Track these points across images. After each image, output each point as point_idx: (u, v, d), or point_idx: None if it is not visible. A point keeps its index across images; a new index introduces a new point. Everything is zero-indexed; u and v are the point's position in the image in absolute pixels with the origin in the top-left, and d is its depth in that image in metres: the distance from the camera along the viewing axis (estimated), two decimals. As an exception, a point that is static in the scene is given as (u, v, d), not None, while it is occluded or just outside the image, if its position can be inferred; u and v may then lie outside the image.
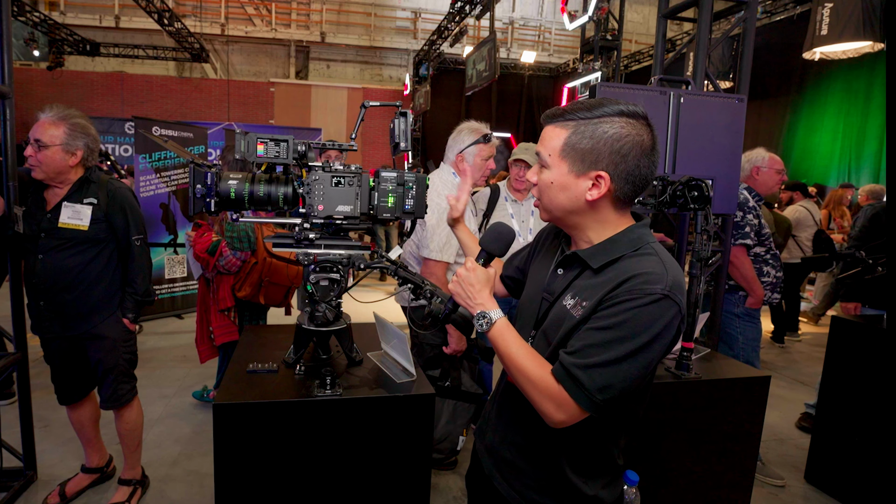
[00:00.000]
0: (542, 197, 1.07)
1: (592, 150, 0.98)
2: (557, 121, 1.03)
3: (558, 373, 0.96)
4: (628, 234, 1.03)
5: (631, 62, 11.94)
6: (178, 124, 5.81)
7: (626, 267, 0.98)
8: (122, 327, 2.21)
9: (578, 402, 0.94)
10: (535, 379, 0.98)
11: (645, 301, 0.92)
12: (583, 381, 0.93)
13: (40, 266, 2.08)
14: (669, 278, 0.94)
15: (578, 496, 1.08)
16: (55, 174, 2.06)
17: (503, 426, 1.19)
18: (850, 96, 8.03)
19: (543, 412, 0.99)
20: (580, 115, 1.00)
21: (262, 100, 13.74)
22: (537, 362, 1.01)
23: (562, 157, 1.01)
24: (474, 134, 2.43)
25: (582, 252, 1.05)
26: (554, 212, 1.07)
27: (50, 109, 2.07)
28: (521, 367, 1.00)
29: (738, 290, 2.82)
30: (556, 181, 1.02)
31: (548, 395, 0.97)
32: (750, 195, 2.80)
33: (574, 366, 0.94)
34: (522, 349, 1.03)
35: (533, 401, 1.00)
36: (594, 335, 0.95)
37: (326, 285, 1.50)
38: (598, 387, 0.93)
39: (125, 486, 2.36)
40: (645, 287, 0.93)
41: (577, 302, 1.01)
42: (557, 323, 1.05)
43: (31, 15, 10.63)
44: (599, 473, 1.10)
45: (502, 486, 1.16)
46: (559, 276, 1.11)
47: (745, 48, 2.76)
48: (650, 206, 1.93)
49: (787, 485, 2.77)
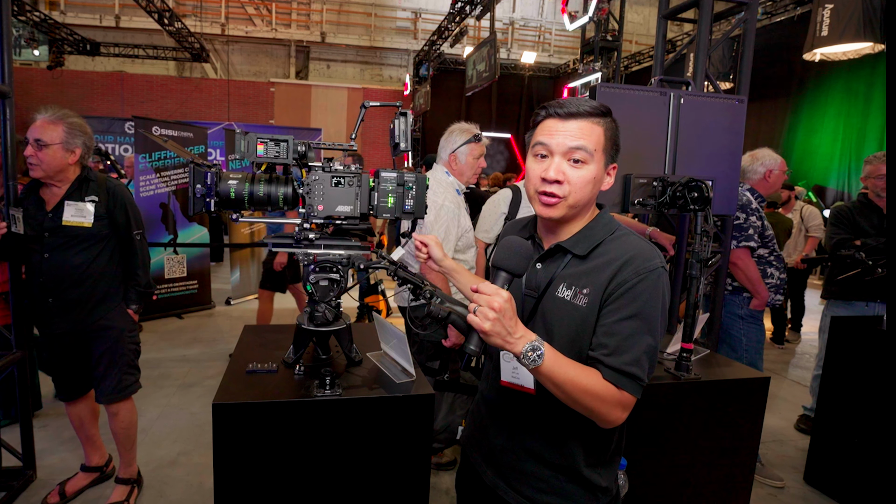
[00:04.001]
0: (573, 194, 1.03)
1: (616, 144, 1.09)
2: (590, 118, 1.05)
3: (614, 378, 0.97)
4: (601, 220, 1.11)
5: (631, 63, 11.95)
6: (178, 124, 5.81)
7: (614, 249, 1.04)
8: (128, 317, 2.29)
9: (635, 393, 0.98)
10: (601, 392, 0.96)
11: (652, 278, 1.00)
12: (638, 375, 0.97)
13: (46, 265, 2.13)
14: (655, 251, 1.04)
15: (592, 489, 1.10)
16: (55, 172, 2.11)
17: (507, 434, 1.16)
18: (850, 97, 8.04)
19: (610, 420, 0.99)
20: (602, 112, 1.06)
21: (262, 100, 13.75)
22: (591, 374, 0.97)
23: (603, 152, 1.06)
24: (465, 134, 2.52)
25: (566, 242, 1.09)
26: (577, 206, 1.06)
27: (46, 110, 2.11)
28: (586, 387, 0.95)
29: (742, 292, 2.80)
30: (598, 176, 1.06)
31: (615, 403, 0.97)
32: (752, 196, 2.79)
33: (626, 364, 0.97)
34: (577, 369, 0.96)
35: (597, 412, 0.97)
36: (624, 326, 0.98)
37: (326, 285, 1.50)
38: (646, 371, 0.99)
39: (123, 485, 2.37)
40: (647, 264, 1.01)
41: (576, 291, 1.04)
42: (559, 316, 1.06)
43: (31, 14, 10.63)
44: (610, 461, 1.13)
45: (509, 495, 1.14)
46: (539, 270, 1.12)
47: (745, 49, 2.76)
48: (650, 206, 1.93)
49: (786, 486, 2.77)
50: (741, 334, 2.82)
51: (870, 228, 3.08)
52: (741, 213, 2.70)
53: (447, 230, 2.37)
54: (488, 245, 2.88)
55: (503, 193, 2.89)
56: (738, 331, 2.82)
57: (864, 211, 3.14)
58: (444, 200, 2.39)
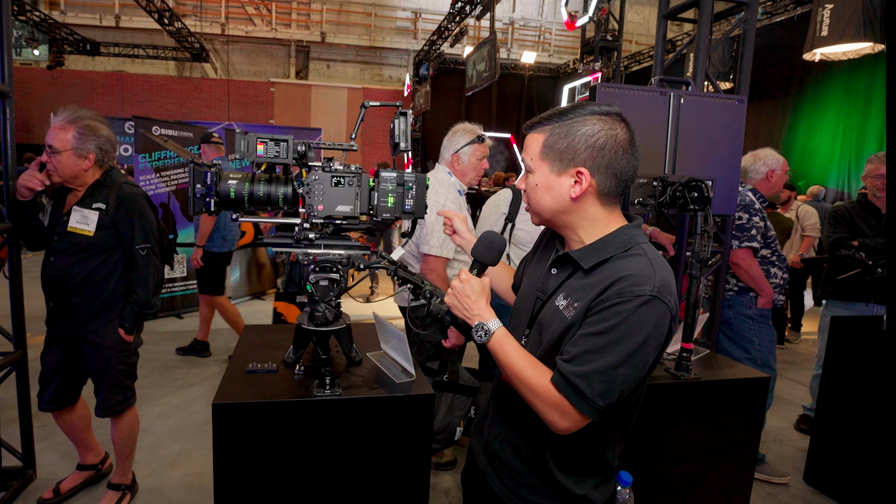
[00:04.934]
0: (530, 201, 1.11)
1: (569, 148, 1.03)
2: (535, 128, 1.09)
3: (558, 382, 0.97)
4: (619, 235, 1.05)
5: (631, 63, 11.95)
6: (178, 124, 5.81)
7: (615, 268, 1.00)
8: (118, 337, 2.14)
9: (580, 409, 0.95)
10: (538, 388, 0.99)
11: (635, 304, 0.93)
12: (583, 389, 0.94)
13: (49, 268, 2.09)
14: (657, 279, 0.95)
15: (567, 495, 1.09)
16: (71, 178, 2.06)
17: (497, 423, 1.20)
18: (850, 97, 8.03)
19: (548, 421, 0.99)
20: (555, 119, 1.05)
21: (262, 100, 13.75)
22: (538, 371, 1.01)
23: (542, 158, 1.06)
24: (469, 135, 2.52)
25: (574, 252, 1.07)
26: (542, 214, 1.10)
27: (63, 111, 2.03)
28: (523, 376, 1.01)
29: (749, 292, 2.78)
30: (540, 183, 1.07)
31: (551, 405, 0.97)
32: (755, 197, 2.76)
33: (573, 374, 0.95)
34: (522, 358, 1.03)
35: (537, 409, 1.00)
36: (589, 341, 0.96)
37: (326, 285, 1.50)
38: (598, 393, 0.94)
39: (114, 490, 2.34)
40: (634, 289, 0.94)
41: (569, 303, 1.03)
42: (549, 322, 1.07)
43: (31, 14, 10.63)
44: (589, 473, 1.11)
45: (495, 483, 1.17)
46: (553, 275, 1.13)
47: (745, 49, 2.76)
48: (650, 206, 1.93)
49: (786, 485, 2.77)
50: (753, 335, 2.78)
51: (867, 229, 3.08)
52: (744, 214, 2.69)
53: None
54: None
55: (503, 193, 2.89)
56: (749, 331, 2.78)
57: (862, 211, 3.14)
58: (445, 200, 2.40)
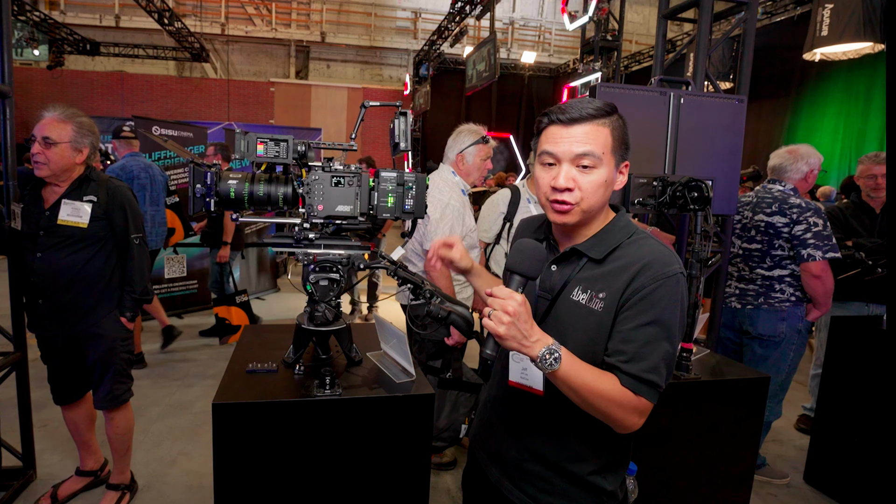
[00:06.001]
0: (585, 199, 1.02)
1: (625, 142, 1.06)
2: (593, 120, 1.02)
3: (632, 385, 0.97)
4: (618, 223, 1.09)
5: (631, 63, 11.95)
6: (178, 124, 5.81)
7: (631, 254, 1.03)
8: (121, 326, 2.19)
9: (653, 400, 0.98)
10: (618, 398, 0.96)
11: (670, 284, 0.99)
12: (657, 382, 0.97)
13: (38, 264, 2.07)
14: (674, 256, 1.02)
15: (598, 492, 1.09)
16: (61, 171, 2.06)
17: (513, 434, 1.17)
18: (850, 97, 8.02)
19: (626, 425, 0.98)
20: (605, 111, 1.03)
21: (262, 100, 13.75)
22: (608, 379, 0.97)
23: (612, 153, 1.04)
24: (474, 135, 2.56)
25: (581, 245, 1.07)
26: (590, 212, 1.04)
27: (54, 108, 2.06)
28: (603, 392, 0.95)
29: (804, 303, 2.60)
30: (609, 179, 1.04)
31: (632, 409, 0.97)
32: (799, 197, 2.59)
33: (644, 371, 0.96)
34: (593, 373, 0.96)
35: (613, 417, 0.97)
36: (642, 333, 0.97)
37: (326, 285, 1.50)
38: (664, 378, 0.98)
39: (113, 490, 2.34)
40: (666, 270, 0.99)
41: (592, 295, 1.03)
42: (574, 319, 1.05)
43: (31, 14, 10.63)
44: (620, 466, 1.12)
45: (512, 493, 1.15)
46: (554, 272, 1.11)
47: (745, 49, 2.76)
48: (650, 206, 1.93)
49: (787, 485, 2.77)
50: (791, 350, 2.61)
51: (861, 229, 3.06)
52: (818, 219, 2.48)
53: (451, 228, 2.40)
54: (488, 245, 2.89)
55: (502, 193, 2.90)
56: (790, 347, 2.61)
57: (856, 212, 3.13)
58: (449, 199, 2.42)
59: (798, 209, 2.53)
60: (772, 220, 2.60)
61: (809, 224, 2.49)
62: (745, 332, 2.71)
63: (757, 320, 2.63)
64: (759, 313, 2.63)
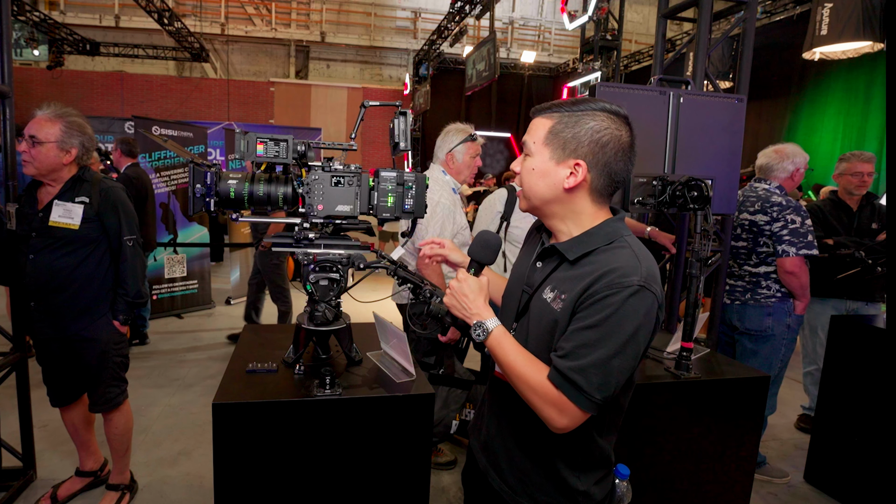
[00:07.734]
0: (524, 184, 1.11)
1: (574, 139, 1.03)
2: (544, 113, 1.08)
3: (556, 378, 0.97)
4: (604, 228, 1.07)
5: (631, 62, 11.93)
6: (178, 124, 5.81)
7: (601, 260, 1.01)
8: (114, 329, 2.16)
9: (579, 404, 0.96)
10: (536, 385, 0.99)
11: (624, 295, 0.95)
12: (580, 384, 0.95)
13: (31, 266, 2.05)
14: (643, 269, 0.97)
15: (570, 491, 1.09)
16: (47, 171, 2.03)
17: (495, 422, 1.20)
18: (849, 96, 8.02)
19: (546, 418, 0.99)
20: (566, 108, 1.05)
21: (262, 99, 13.74)
22: (536, 368, 1.01)
23: (545, 143, 1.06)
24: (461, 133, 2.60)
25: (560, 245, 1.08)
26: (532, 200, 1.10)
27: (47, 107, 2.04)
28: (521, 374, 1.01)
29: (790, 298, 2.65)
30: (538, 168, 1.07)
31: (549, 401, 0.98)
32: (783, 196, 2.63)
33: (570, 369, 0.96)
34: (520, 356, 1.03)
35: (535, 407, 1.01)
36: (582, 335, 0.97)
37: (326, 285, 1.50)
38: (595, 386, 0.95)
39: (113, 490, 2.34)
40: (622, 280, 0.96)
41: (556, 295, 1.04)
42: (538, 316, 1.08)
43: (31, 14, 10.62)
44: (591, 467, 1.11)
45: (496, 482, 1.17)
46: (538, 269, 1.14)
47: (744, 48, 2.76)
48: (650, 205, 1.93)
49: (787, 484, 2.77)
50: (782, 344, 2.66)
51: (839, 227, 3.11)
52: (795, 216, 2.53)
53: (442, 227, 2.42)
54: None
55: (499, 193, 2.91)
56: (780, 342, 2.65)
57: (833, 210, 3.17)
58: (440, 198, 2.45)
59: (778, 207, 2.58)
60: (755, 218, 2.66)
61: (787, 221, 2.55)
62: (735, 328, 2.78)
63: (745, 316, 2.71)
64: (747, 309, 2.70)
